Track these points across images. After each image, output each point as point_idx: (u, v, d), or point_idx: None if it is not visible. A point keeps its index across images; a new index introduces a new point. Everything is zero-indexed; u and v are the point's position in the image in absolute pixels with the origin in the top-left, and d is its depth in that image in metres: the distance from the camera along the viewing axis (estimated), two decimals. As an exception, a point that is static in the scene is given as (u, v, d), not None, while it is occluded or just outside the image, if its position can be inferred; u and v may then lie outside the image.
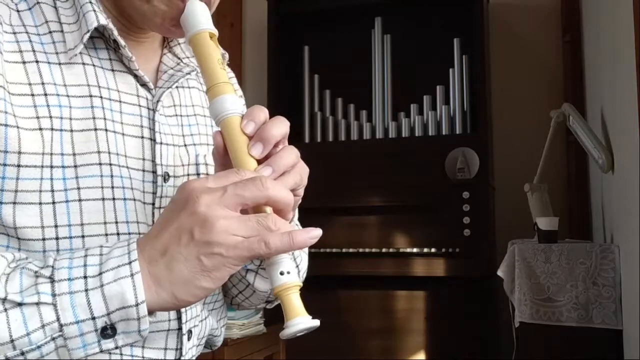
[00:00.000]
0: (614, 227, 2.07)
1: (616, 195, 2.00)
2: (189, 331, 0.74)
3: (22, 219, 0.62)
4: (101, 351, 0.55)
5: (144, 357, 0.69)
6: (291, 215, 0.64)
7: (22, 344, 0.53)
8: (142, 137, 0.72)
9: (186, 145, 0.77)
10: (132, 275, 0.55)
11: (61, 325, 0.54)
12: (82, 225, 0.65)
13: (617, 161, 1.95)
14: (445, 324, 2.59)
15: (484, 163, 2.60)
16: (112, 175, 0.67)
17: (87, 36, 0.67)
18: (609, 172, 2.03)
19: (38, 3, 0.69)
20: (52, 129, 0.64)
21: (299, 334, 0.59)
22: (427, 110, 2.85)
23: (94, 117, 0.67)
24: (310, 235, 0.58)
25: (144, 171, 0.71)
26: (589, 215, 2.73)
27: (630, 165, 1.71)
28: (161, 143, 0.73)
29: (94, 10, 0.68)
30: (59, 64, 0.67)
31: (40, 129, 0.63)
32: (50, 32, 0.68)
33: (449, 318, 2.58)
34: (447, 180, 2.61)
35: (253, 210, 0.59)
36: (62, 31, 0.69)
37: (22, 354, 0.53)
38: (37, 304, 0.53)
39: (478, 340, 2.51)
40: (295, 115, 2.83)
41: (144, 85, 0.74)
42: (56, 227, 0.64)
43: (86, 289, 0.54)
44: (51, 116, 0.64)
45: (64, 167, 0.65)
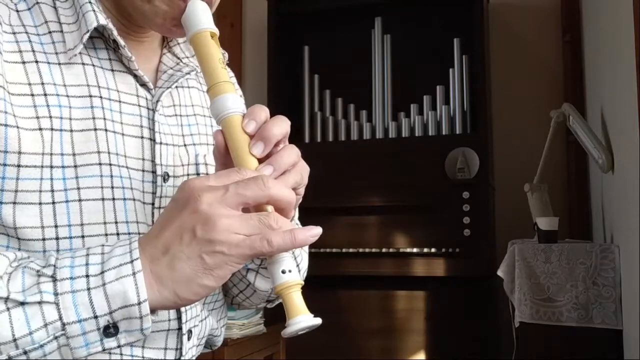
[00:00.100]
0: (614, 227, 2.07)
1: (616, 195, 2.00)
2: (189, 331, 0.74)
3: (22, 219, 0.62)
4: (103, 350, 0.55)
5: (144, 357, 0.69)
6: (292, 214, 0.64)
7: (25, 343, 0.53)
8: (142, 137, 0.72)
9: (186, 145, 0.77)
10: (134, 273, 0.55)
11: (63, 324, 0.54)
12: (82, 225, 0.65)
13: (617, 161, 1.95)
14: (445, 324, 2.59)
15: (484, 163, 2.60)
16: (112, 175, 0.67)
17: (86, 36, 0.67)
18: (609, 172, 2.03)
19: (37, 3, 0.69)
20: (52, 129, 0.64)
21: (300, 332, 0.59)
22: (427, 110, 2.85)
23: (93, 117, 0.67)
24: (311, 234, 0.58)
25: (143, 171, 0.71)
26: (589, 215, 2.73)
27: (630, 165, 1.71)
28: (161, 143, 0.73)
29: (94, 10, 0.68)
30: (59, 64, 0.67)
31: (40, 129, 0.63)
32: (49, 32, 0.68)
33: (449, 318, 2.58)
34: (447, 180, 2.61)
35: (254, 209, 0.59)
36: (62, 31, 0.68)
37: (25, 353, 0.53)
38: (40, 303, 0.53)
39: (478, 340, 2.51)
40: (295, 115, 2.83)
41: (143, 85, 0.74)
42: (56, 227, 0.64)
43: (88, 288, 0.54)
44: (51, 116, 0.64)
45: (63, 167, 0.65)
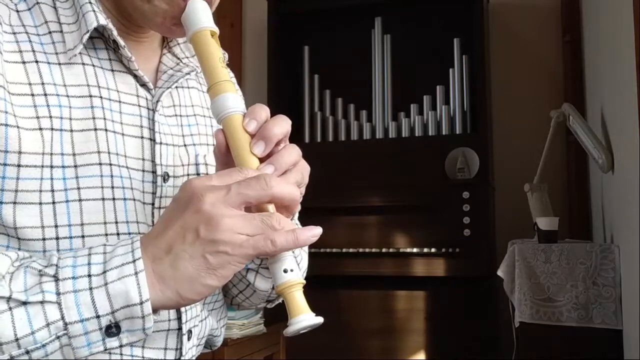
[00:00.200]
0: (614, 227, 2.07)
1: (616, 195, 2.00)
2: (189, 331, 0.74)
3: (22, 218, 0.62)
4: (105, 350, 0.55)
5: (144, 357, 0.69)
6: (298, 209, 0.65)
7: (27, 342, 0.53)
8: (142, 137, 0.72)
9: (186, 145, 0.77)
10: (136, 273, 0.55)
11: (66, 324, 0.54)
12: (82, 225, 0.65)
13: (617, 161, 1.95)
14: (445, 324, 2.59)
15: (484, 163, 2.60)
16: (112, 175, 0.67)
17: (86, 36, 0.67)
18: (609, 172, 2.03)
19: (37, 3, 0.69)
20: (52, 129, 0.64)
21: (302, 332, 0.59)
22: (427, 110, 2.85)
23: (93, 117, 0.67)
24: (312, 233, 0.58)
25: (143, 171, 0.71)
26: (589, 215, 2.73)
27: (630, 165, 1.71)
28: (161, 143, 0.73)
29: (94, 11, 0.68)
30: (59, 64, 0.67)
31: (40, 129, 0.63)
32: (49, 33, 0.68)
33: (449, 318, 2.58)
34: (447, 180, 2.61)
35: (256, 208, 0.59)
36: (62, 31, 0.68)
37: (27, 352, 0.53)
38: (42, 302, 0.53)
39: (478, 340, 2.51)
40: (295, 115, 2.83)
41: (143, 85, 0.74)
42: (56, 227, 0.64)
43: (90, 288, 0.54)
44: (51, 116, 0.64)
45: (64, 167, 0.65)
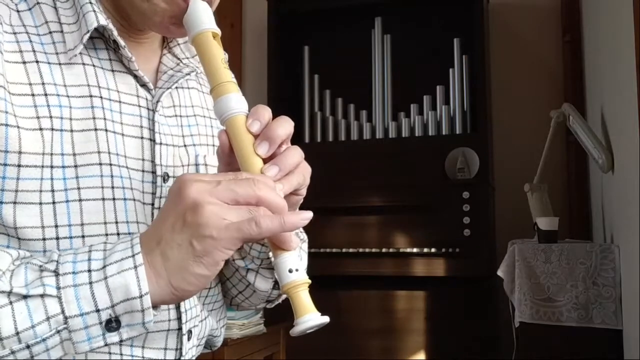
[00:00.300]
0: (614, 227, 2.07)
1: (616, 195, 2.00)
2: (189, 331, 0.74)
3: (23, 218, 0.62)
4: (106, 344, 0.55)
5: (144, 357, 0.69)
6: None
7: (27, 336, 0.53)
8: (142, 138, 0.72)
9: (186, 146, 0.77)
10: (135, 267, 0.55)
11: (66, 318, 0.54)
12: (82, 225, 0.65)
13: (617, 161, 1.95)
14: (445, 324, 2.59)
15: (484, 163, 2.60)
16: (112, 176, 0.68)
17: (86, 36, 0.67)
18: (609, 172, 2.03)
19: (38, 3, 0.69)
20: (53, 129, 0.64)
21: (309, 331, 0.59)
22: (427, 110, 2.85)
23: (94, 117, 0.67)
24: (301, 217, 0.58)
25: (143, 171, 0.71)
26: (589, 215, 2.73)
27: (630, 165, 1.71)
28: (161, 143, 0.73)
29: (94, 11, 0.68)
30: (59, 64, 0.67)
31: (41, 129, 0.64)
32: (50, 33, 0.68)
33: (449, 318, 2.58)
34: (447, 180, 2.61)
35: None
36: (62, 31, 0.69)
37: (28, 347, 0.53)
38: (42, 296, 0.54)
39: (478, 340, 2.51)
40: (295, 115, 2.82)
41: (143, 85, 0.74)
42: (56, 227, 0.64)
43: (90, 282, 0.55)
44: (51, 116, 0.64)
45: (64, 167, 0.65)
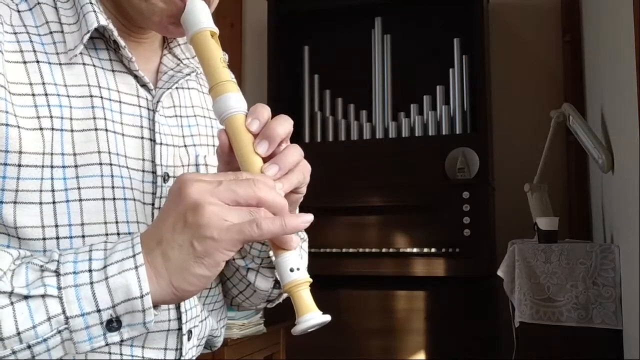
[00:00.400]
0: (614, 227, 2.07)
1: (616, 195, 2.00)
2: (189, 331, 0.74)
3: (23, 218, 0.62)
4: (106, 344, 0.55)
5: (144, 357, 0.69)
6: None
7: (29, 337, 0.53)
8: (142, 138, 0.72)
9: (186, 146, 0.77)
10: (136, 267, 0.55)
11: (67, 318, 0.54)
12: (82, 225, 0.65)
13: (617, 161, 1.95)
14: (445, 324, 2.59)
15: (484, 163, 2.60)
16: (113, 175, 0.68)
17: (87, 37, 0.67)
18: (609, 172, 2.03)
19: (39, 3, 0.69)
20: (53, 128, 0.64)
21: (310, 330, 0.59)
22: (427, 110, 2.85)
23: (94, 117, 0.67)
24: (302, 220, 0.58)
25: (143, 171, 0.71)
26: (589, 215, 2.73)
27: (630, 165, 1.71)
28: (161, 143, 0.73)
29: (94, 11, 0.68)
30: (60, 64, 0.67)
31: (41, 128, 0.64)
32: (50, 33, 0.68)
33: (449, 318, 2.58)
34: (447, 180, 2.61)
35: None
36: (63, 31, 0.69)
37: (29, 347, 0.53)
38: (43, 296, 0.54)
39: (478, 340, 2.51)
40: (295, 115, 2.82)
41: (144, 85, 0.74)
42: (56, 226, 0.64)
43: (91, 282, 0.54)
44: (52, 116, 0.65)
45: (64, 167, 0.65)
